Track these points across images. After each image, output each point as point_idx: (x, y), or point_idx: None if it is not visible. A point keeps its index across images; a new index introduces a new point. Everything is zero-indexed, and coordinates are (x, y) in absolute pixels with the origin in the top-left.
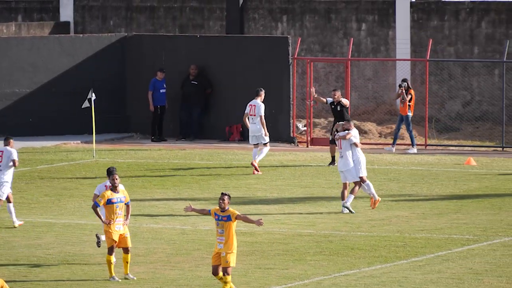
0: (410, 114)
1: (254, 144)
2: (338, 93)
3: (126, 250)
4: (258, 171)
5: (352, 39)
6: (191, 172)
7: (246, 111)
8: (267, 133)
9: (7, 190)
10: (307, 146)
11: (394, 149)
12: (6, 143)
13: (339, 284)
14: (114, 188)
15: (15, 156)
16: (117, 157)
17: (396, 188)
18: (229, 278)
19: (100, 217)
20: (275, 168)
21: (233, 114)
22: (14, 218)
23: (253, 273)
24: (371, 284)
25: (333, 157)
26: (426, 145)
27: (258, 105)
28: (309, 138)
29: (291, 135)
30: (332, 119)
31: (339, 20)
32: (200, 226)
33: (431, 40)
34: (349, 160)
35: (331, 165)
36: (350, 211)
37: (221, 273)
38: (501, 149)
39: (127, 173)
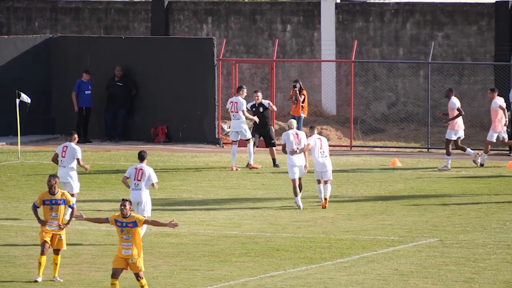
0: (303, 115)
1: (233, 141)
2: (259, 95)
3: (56, 251)
4: (257, 167)
5: (277, 40)
6: (116, 173)
7: (227, 107)
8: (255, 119)
9: (76, 185)
10: None
11: None
12: (71, 139)
13: (264, 285)
14: (51, 191)
15: (79, 155)
16: (43, 159)
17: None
18: (144, 281)
19: (37, 217)
20: (200, 170)
21: (159, 115)
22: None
23: (178, 275)
24: (297, 285)
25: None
26: (351, 146)
27: (239, 101)
28: None
29: (216, 136)
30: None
31: (264, 21)
32: None
33: (356, 41)
34: (303, 157)
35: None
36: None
37: (117, 281)
38: (426, 150)
39: None
